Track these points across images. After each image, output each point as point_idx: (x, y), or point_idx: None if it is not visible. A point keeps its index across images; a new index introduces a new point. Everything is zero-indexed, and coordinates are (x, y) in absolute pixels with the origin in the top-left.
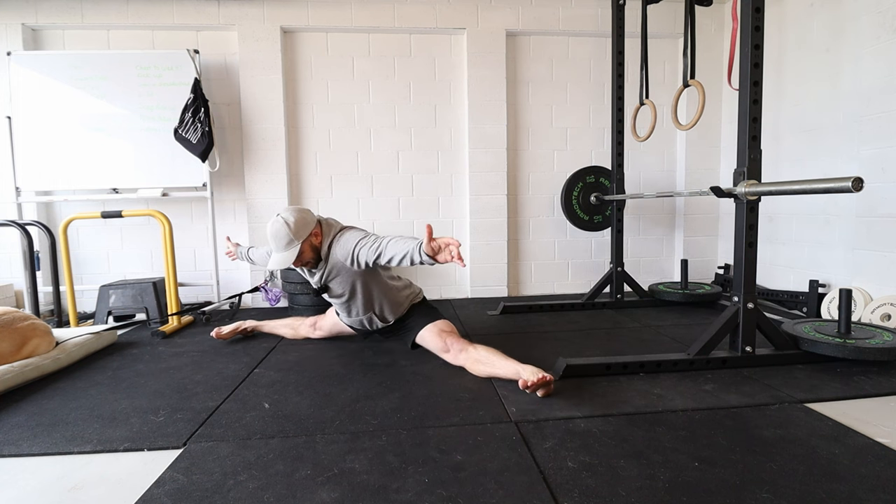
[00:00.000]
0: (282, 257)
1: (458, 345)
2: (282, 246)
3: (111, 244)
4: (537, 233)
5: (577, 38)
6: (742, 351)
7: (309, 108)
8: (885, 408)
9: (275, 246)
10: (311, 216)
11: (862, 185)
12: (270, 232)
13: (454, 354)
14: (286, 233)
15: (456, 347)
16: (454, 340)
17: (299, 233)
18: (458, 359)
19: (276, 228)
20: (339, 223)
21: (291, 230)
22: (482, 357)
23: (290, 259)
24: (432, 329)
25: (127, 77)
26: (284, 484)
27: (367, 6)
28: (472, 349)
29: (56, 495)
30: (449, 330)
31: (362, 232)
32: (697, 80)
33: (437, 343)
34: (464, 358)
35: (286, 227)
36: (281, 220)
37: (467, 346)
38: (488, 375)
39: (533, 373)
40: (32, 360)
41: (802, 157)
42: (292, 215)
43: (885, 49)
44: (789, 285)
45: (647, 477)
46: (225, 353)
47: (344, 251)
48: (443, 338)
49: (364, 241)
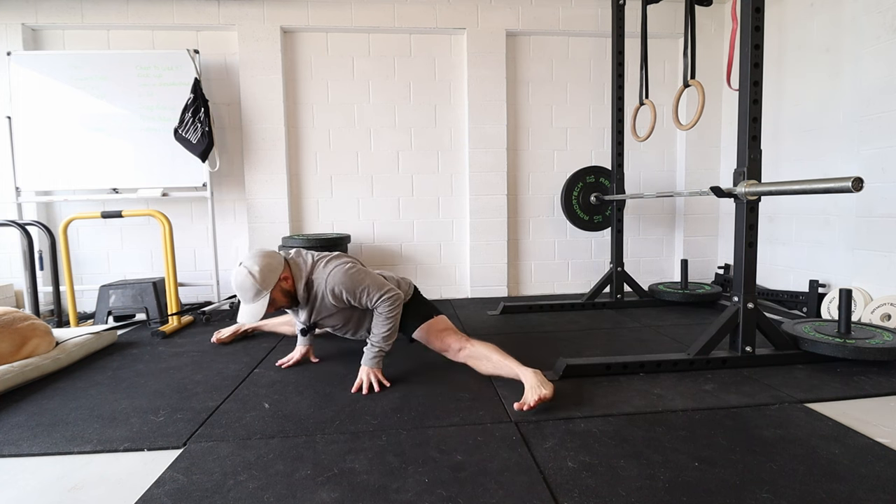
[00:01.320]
0: (252, 309)
1: (457, 344)
2: (249, 298)
3: (111, 244)
4: (537, 233)
5: (577, 38)
6: (742, 351)
7: (309, 108)
8: (885, 408)
9: (242, 298)
10: (276, 260)
11: (862, 185)
12: (235, 284)
13: (454, 353)
14: (251, 283)
15: (455, 347)
16: (453, 340)
17: (266, 281)
18: (458, 356)
19: (241, 280)
20: (311, 256)
21: (257, 280)
22: (481, 354)
23: (262, 310)
24: (429, 329)
25: (127, 77)
26: (284, 484)
27: (367, 6)
28: (469, 346)
29: (56, 495)
30: (445, 328)
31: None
32: (697, 80)
33: (436, 343)
34: (464, 356)
35: (251, 278)
36: (245, 270)
37: (465, 344)
38: (490, 373)
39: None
40: (32, 360)
41: (802, 157)
42: (256, 263)
43: (885, 49)
44: (789, 285)
45: (647, 477)
46: (225, 353)
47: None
48: (441, 338)
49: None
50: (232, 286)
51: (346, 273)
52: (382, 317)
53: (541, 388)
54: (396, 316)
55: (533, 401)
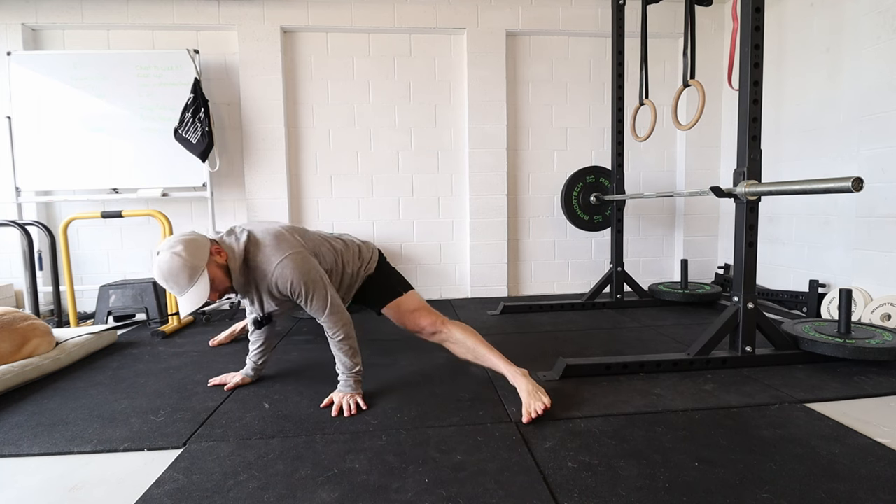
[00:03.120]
0: (193, 294)
1: (431, 327)
2: (185, 282)
3: (111, 244)
4: (537, 233)
5: (577, 38)
6: (742, 351)
7: (309, 108)
8: (885, 408)
9: (176, 286)
10: (199, 236)
11: (862, 185)
12: (164, 272)
13: (426, 336)
14: (181, 264)
15: (428, 329)
16: (426, 322)
17: (197, 256)
18: (433, 339)
19: (168, 265)
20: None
21: (187, 260)
22: (458, 339)
23: (205, 292)
24: (399, 308)
25: (127, 77)
26: (284, 484)
27: (367, 6)
28: (445, 330)
29: (56, 495)
30: (417, 307)
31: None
32: (697, 80)
33: (408, 324)
34: (438, 339)
35: (180, 258)
36: (167, 254)
37: (441, 328)
38: (468, 360)
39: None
40: (32, 360)
41: (802, 157)
42: (178, 244)
43: (885, 49)
44: (789, 285)
45: (647, 477)
46: (225, 354)
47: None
48: (413, 318)
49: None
50: (159, 279)
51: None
52: (336, 345)
53: (540, 397)
54: (350, 338)
55: (535, 413)
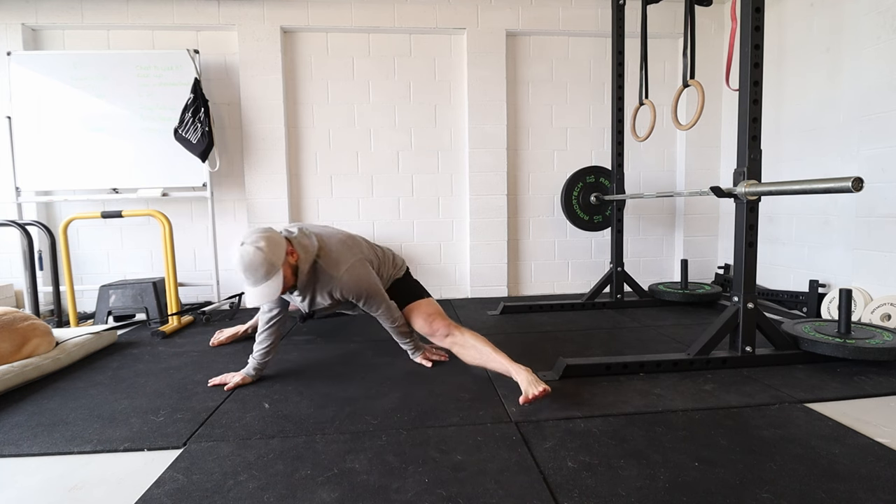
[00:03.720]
0: (266, 289)
1: (444, 329)
2: (261, 276)
3: (111, 244)
4: (537, 233)
5: (577, 38)
6: (742, 351)
7: (309, 108)
8: (885, 408)
9: (252, 278)
10: (278, 235)
11: (862, 185)
12: (246, 263)
13: (440, 338)
14: (262, 259)
15: (441, 332)
16: (440, 325)
17: (277, 255)
18: (444, 343)
19: (250, 258)
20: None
21: (268, 256)
22: (468, 343)
23: (277, 290)
24: (417, 311)
25: (127, 77)
26: (284, 484)
27: (367, 6)
28: (458, 334)
29: (56, 495)
30: (434, 311)
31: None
32: (697, 80)
33: (423, 325)
34: (449, 342)
35: (261, 254)
36: (251, 247)
37: (453, 331)
38: (475, 363)
39: (531, 383)
40: (32, 360)
41: (802, 157)
42: (261, 239)
43: (885, 49)
44: (789, 285)
45: (647, 477)
46: (225, 354)
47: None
48: (429, 320)
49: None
50: (237, 267)
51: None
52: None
53: (537, 385)
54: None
55: (532, 395)
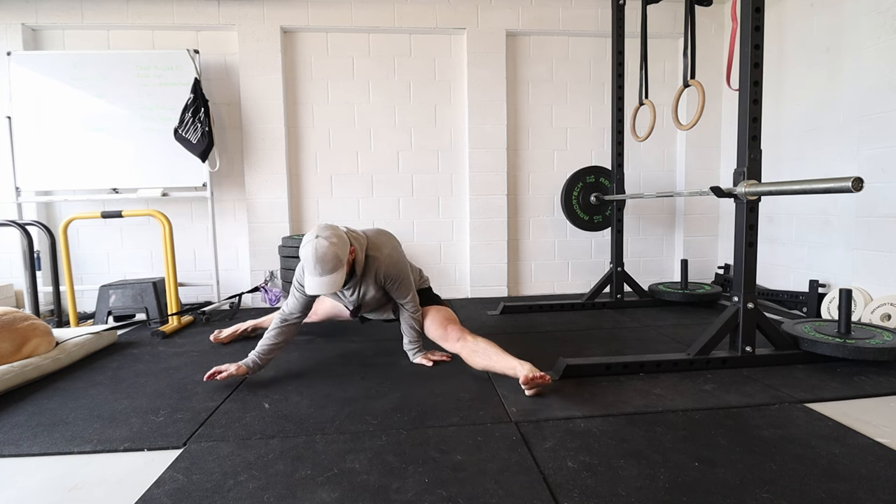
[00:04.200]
0: (329, 280)
1: (457, 334)
2: (328, 269)
3: (111, 244)
4: (537, 233)
5: (577, 38)
6: (742, 351)
7: (309, 108)
8: (885, 408)
9: (320, 269)
10: (343, 232)
11: (862, 185)
12: (318, 254)
13: (452, 343)
14: (334, 253)
15: (454, 336)
16: (454, 329)
17: (343, 252)
18: (455, 347)
19: (324, 251)
20: (360, 232)
21: (338, 252)
22: (479, 349)
23: (340, 281)
24: (435, 315)
25: (127, 77)
26: (284, 484)
27: (367, 6)
28: (470, 339)
29: (56, 495)
30: (450, 317)
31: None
32: (697, 80)
33: (438, 330)
34: (460, 346)
35: (334, 248)
36: (325, 242)
37: (466, 336)
38: (484, 368)
39: (531, 369)
40: (32, 360)
41: (802, 157)
42: (334, 235)
43: (885, 49)
44: (789, 285)
45: (647, 477)
46: (225, 354)
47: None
48: (444, 326)
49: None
50: (308, 257)
51: (398, 263)
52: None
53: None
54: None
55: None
